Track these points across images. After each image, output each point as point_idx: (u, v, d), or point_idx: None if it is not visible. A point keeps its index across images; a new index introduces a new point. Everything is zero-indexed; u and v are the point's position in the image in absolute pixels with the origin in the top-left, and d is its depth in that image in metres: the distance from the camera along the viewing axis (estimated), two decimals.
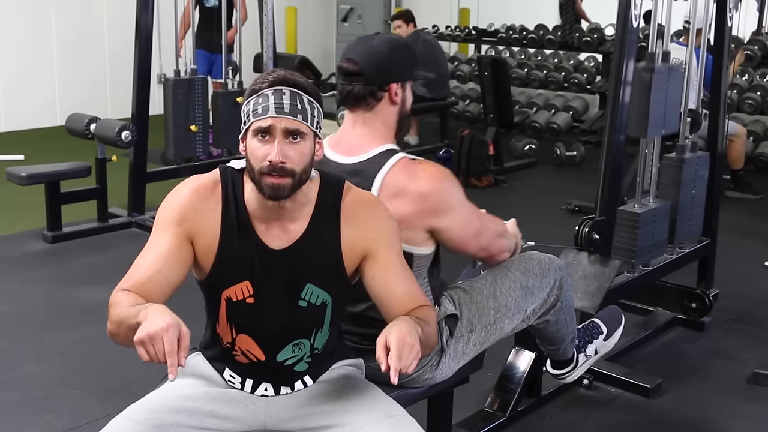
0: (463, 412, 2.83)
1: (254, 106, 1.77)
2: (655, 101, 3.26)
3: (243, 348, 1.89)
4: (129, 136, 4.92)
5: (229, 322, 1.88)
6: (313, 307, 1.88)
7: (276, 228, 1.84)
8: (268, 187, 1.76)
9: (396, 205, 2.06)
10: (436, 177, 2.14)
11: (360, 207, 1.90)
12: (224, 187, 1.85)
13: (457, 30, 9.34)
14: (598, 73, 8.64)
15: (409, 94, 2.25)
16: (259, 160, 1.76)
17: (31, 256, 4.75)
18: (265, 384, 1.92)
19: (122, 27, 7.81)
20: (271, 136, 1.76)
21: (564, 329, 2.57)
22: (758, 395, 3.24)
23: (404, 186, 2.10)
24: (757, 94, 7.11)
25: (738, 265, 4.58)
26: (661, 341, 3.72)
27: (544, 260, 2.45)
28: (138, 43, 5.19)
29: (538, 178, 6.98)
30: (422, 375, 2.24)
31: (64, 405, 3.06)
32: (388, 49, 2.17)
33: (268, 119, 1.75)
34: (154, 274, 1.79)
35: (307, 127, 1.78)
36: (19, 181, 4.84)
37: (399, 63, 2.20)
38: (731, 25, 3.90)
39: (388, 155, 2.14)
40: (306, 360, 1.92)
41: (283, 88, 1.77)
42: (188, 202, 1.84)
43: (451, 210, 2.15)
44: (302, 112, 1.77)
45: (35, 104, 8.50)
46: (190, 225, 1.83)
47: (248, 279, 1.84)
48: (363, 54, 2.17)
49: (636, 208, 3.41)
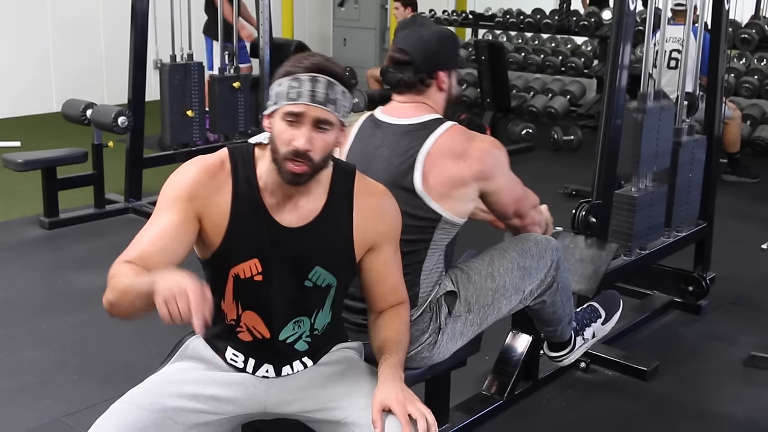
0: (460, 395, 2.85)
1: (288, 89, 1.76)
2: (646, 141, 3.33)
3: (249, 324, 1.90)
4: (125, 121, 4.91)
5: (236, 299, 1.88)
6: (318, 288, 1.89)
7: (288, 205, 1.85)
8: (288, 173, 1.78)
9: (451, 164, 2.19)
10: (493, 143, 2.29)
11: (373, 196, 1.94)
12: (234, 165, 1.85)
13: (454, 14, 9.31)
14: (595, 57, 8.62)
15: (455, 82, 2.37)
16: (285, 143, 1.77)
17: (28, 242, 4.75)
18: (267, 365, 1.92)
19: (118, 12, 7.77)
20: (300, 122, 1.76)
21: (561, 310, 2.58)
22: (754, 378, 3.25)
23: (463, 147, 2.21)
24: (754, 78, 7.11)
25: (735, 248, 4.59)
26: (658, 324, 3.73)
27: (541, 241, 2.46)
28: (134, 28, 5.17)
29: (535, 163, 6.97)
30: (420, 353, 2.26)
31: (62, 390, 3.07)
32: (437, 40, 2.31)
33: (301, 105, 1.75)
34: (160, 249, 1.77)
35: (336, 118, 1.79)
36: (16, 168, 4.83)
37: (446, 52, 2.33)
38: (728, 9, 3.89)
39: (440, 122, 2.25)
40: (305, 339, 1.92)
41: (318, 75, 1.77)
42: (198, 179, 1.83)
43: (502, 174, 2.28)
44: (334, 103, 1.77)
45: (31, 90, 8.47)
46: (199, 203, 1.82)
47: (257, 257, 1.84)
48: (414, 44, 2.29)
49: (633, 192, 3.41)
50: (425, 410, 1.77)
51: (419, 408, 1.77)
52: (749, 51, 7.24)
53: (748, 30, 6.83)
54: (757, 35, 6.79)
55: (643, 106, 3.32)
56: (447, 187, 2.19)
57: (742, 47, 6.95)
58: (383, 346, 1.94)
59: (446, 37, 2.35)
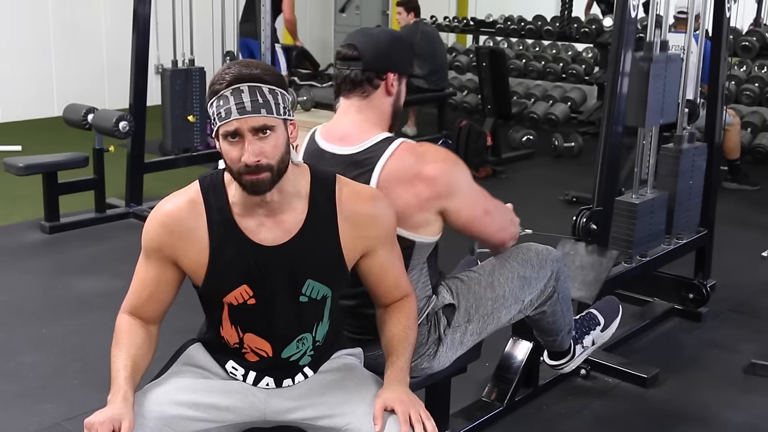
0: (460, 402, 2.84)
1: (217, 110, 1.73)
2: (653, 90, 3.27)
3: (252, 346, 1.90)
4: (127, 126, 4.91)
5: (234, 324, 1.88)
6: (314, 301, 1.88)
7: (269, 223, 1.83)
8: (249, 184, 1.75)
9: (403, 190, 2.06)
10: (443, 159, 2.13)
11: (358, 203, 1.89)
12: (205, 197, 1.84)
13: (455, 20, 9.32)
14: (596, 64, 8.63)
15: (404, 88, 2.24)
16: (234, 162, 1.74)
17: (28, 246, 4.75)
18: (268, 379, 1.92)
19: (120, 17, 7.79)
20: (240, 137, 1.73)
21: (561, 320, 2.58)
22: (755, 385, 3.24)
23: (411, 170, 2.08)
24: (755, 85, 7.11)
25: (735, 255, 4.58)
26: (658, 331, 3.72)
27: (542, 251, 2.46)
28: (135, 32, 5.18)
29: (535, 169, 6.98)
30: (420, 364, 2.25)
31: (62, 395, 3.07)
32: (388, 40, 2.18)
33: (233, 122, 1.71)
34: (149, 296, 1.90)
35: (274, 119, 1.74)
36: (17, 172, 4.83)
37: (398, 54, 2.20)
38: (730, 16, 3.90)
39: (388, 142, 2.11)
40: (309, 354, 1.93)
41: (240, 85, 1.72)
42: (162, 228, 1.84)
43: (459, 191, 2.14)
44: (265, 105, 1.73)
45: (32, 95, 8.49)
46: (169, 249, 1.84)
47: (246, 282, 1.84)
48: (364, 41, 2.17)
49: (633, 199, 3.41)
50: (427, 417, 1.77)
51: (421, 413, 1.77)
52: (750, 58, 7.25)
53: (748, 37, 6.84)
54: (758, 43, 6.80)
55: (650, 54, 3.29)
56: (406, 215, 2.08)
57: (743, 55, 6.95)
58: (390, 345, 1.94)
59: (399, 40, 2.23)
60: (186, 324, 2.20)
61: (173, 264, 1.86)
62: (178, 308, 1.92)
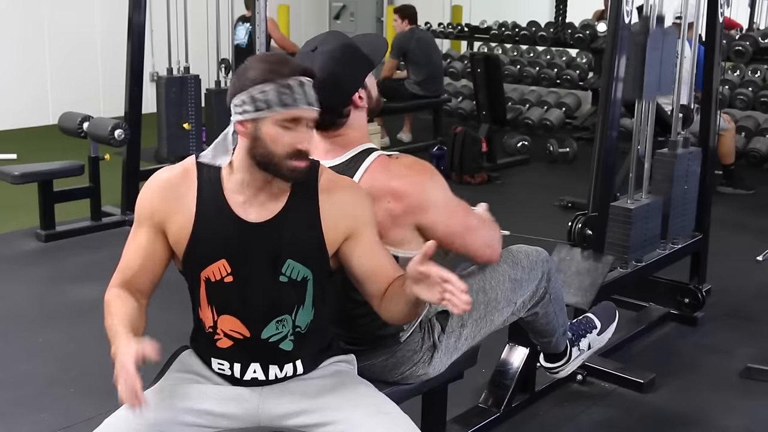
0: (457, 408, 2.84)
1: (278, 96, 1.77)
2: (650, 62, 3.29)
3: (226, 329, 1.89)
4: (122, 134, 4.92)
5: (210, 303, 1.89)
6: (294, 282, 1.89)
7: (255, 202, 1.87)
8: (291, 171, 1.81)
9: (376, 207, 2.00)
10: (414, 172, 2.08)
11: (338, 187, 1.93)
12: (199, 170, 1.88)
13: (450, 27, 9.35)
14: (590, 69, 8.65)
15: (372, 84, 2.17)
16: (285, 146, 1.79)
17: (24, 255, 4.75)
18: (254, 365, 1.91)
19: (114, 25, 7.79)
20: (298, 125, 1.80)
21: (554, 321, 2.58)
22: (751, 390, 3.25)
23: (382, 186, 2.04)
24: (748, 89, 7.14)
25: (730, 260, 4.60)
26: (654, 336, 3.73)
27: (531, 253, 2.46)
28: (131, 41, 5.19)
29: (531, 175, 6.99)
30: (416, 372, 2.25)
31: (59, 403, 3.06)
32: (333, 68, 2.05)
33: (299, 111, 1.79)
34: (140, 267, 1.91)
35: None
36: (13, 180, 4.83)
37: (351, 73, 2.11)
38: (723, 21, 3.92)
39: (365, 155, 2.10)
40: (290, 338, 1.91)
41: (304, 79, 1.81)
42: (156, 193, 1.90)
43: (432, 205, 2.08)
44: (317, 102, 1.84)
45: (27, 103, 8.49)
46: (160, 215, 1.88)
47: (225, 257, 1.85)
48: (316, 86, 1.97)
49: (629, 204, 3.42)
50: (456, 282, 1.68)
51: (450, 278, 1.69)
52: (743, 63, 7.28)
53: (742, 42, 6.87)
54: (751, 47, 6.83)
55: (647, 26, 3.32)
56: (383, 232, 2.01)
57: (736, 59, 6.98)
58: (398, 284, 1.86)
59: (342, 58, 2.07)
60: (182, 331, 2.19)
61: (160, 232, 1.89)
62: (174, 315, 1.93)
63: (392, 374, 2.24)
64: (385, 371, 2.23)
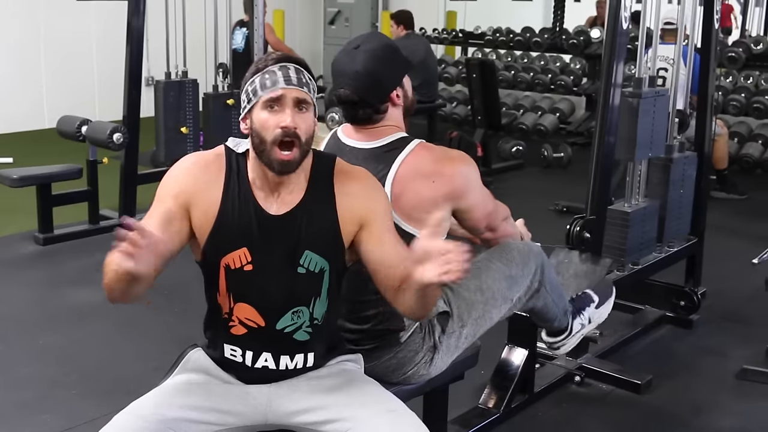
0: (458, 409, 2.87)
1: (262, 81, 1.84)
2: (642, 126, 3.36)
3: (241, 317, 1.91)
4: (121, 138, 4.93)
5: (229, 291, 1.91)
6: (312, 274, 1.91)
7: (275, 197, 1.90)
8: (278, 162, 1.83)
9: (421, 185, 2.14)
10: (462, 161, 2.23)
11: (352, 178, 1.96)
12: (228, 157, 1.93)
13: (445, 32, 9.39)
14: (584, 75, 8.70)
15: (408, 85, 2.32)
16: (270, 129, 1.82)
17: (22, 258, 4.76)
18: (265, 354, 1.93)
19: (110, 29, 7.82)
20: (281, 106, 1.83)
21: (554, 308, 2.63)
22: (747, 391, 3.29)
23: (431, 168, 2.16)
24: (741, 95, 7.18)
25: (724, 263, 4.63)
26: (650, 339, 3.77)
27: (523, 248, 2.50)
28: (129, 45, 5.19)
29: (525, 179, 7.03)
30: (417, 372, 2.28)
31: (61, 405, 3.07)
32: (374, 66, 2.17)
33: (279, 90, 1.83)
34: None
35: (311, 99, 1.87)
36: (11, 184, 4.84)
37: (392, 71, 2.24)
38: (718, 27, 3.96)
39: (406, 141, 2.21)
40: (306, 329, 1.93)
41: (287, 64, 1.86)
42: (187, 172, 1.92)
43: (473, 191, 2.24)
44: (307, 85, 1.86)
45: (23, 107, 8.49)
46: (187, 195, 1.88)
47: (246, 246, 1.88)
48: (355, 80, 2.17)
49: (626, 208, 3.46)
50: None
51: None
52: (736, 69, 7.34)
53: (734, 48, 6.92)
54: (744, 54, 6.88)
55: (639, 90, 3.36)
56: (419, 210, 2.14)
57: (729, 65, 7.04)
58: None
59: (383, 57, 2.20)
60: (181, 334, 2.22)
61: (185, 210, 1.88)
62: (175, 319, 1.95)
63: (395, 375, 2.27)
64: (388, 372, 2.26)
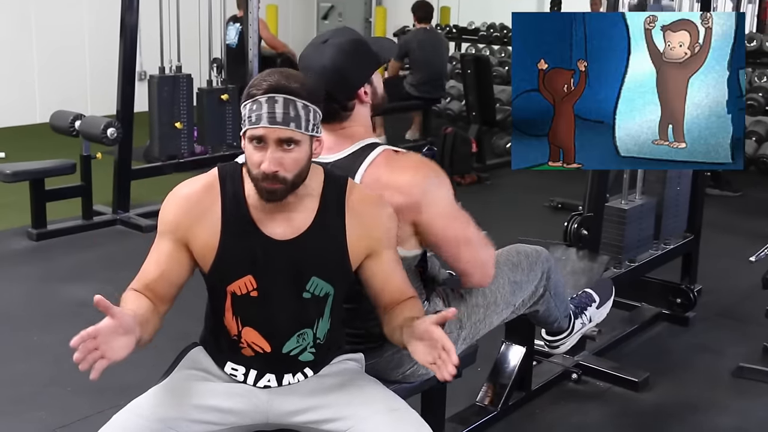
0: (455, 407, 2.86)
1: (249, 113, 1.78)
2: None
3: (249, 340, 1.91)
4: (115, 133, 4.91)
5: (235, 315, 1.90)
6: (317, 298, 1.90)
7: (280, 219, 1.86)
8: (263, 191, 1.80)
9: None
10: (420, 168, 2.07)
11: (365, 205, 1.92)
12: (222, 185, 1.88)
13: (438, 28, 9.36)
14: None
15: (378, 81, 2.18)
16: (254, 165, 1.79)
17: (15, 253, 4.74)
18: (269, 375, 1.93)
19: (102, 23, 7.78)
20: (264, 144, 1.78)
21: (555, 312, 2.62)
22: (743, 388, 3.29)
23: (385, 179, 2.03)
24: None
25: (720, 261, 4.64)
26: (646, 336, 3.77)
27: (531, 253, 2.48)
28: (123, 40, 5.17)
29: (520, 176, 6.95)
30: (416, 371, 2.26)
31: (56, 402, 3.06)
32: (342, 61, 2.07)
33: (260, 129, 1.76)
34: (159, 276, 1.87)
35: (301, 134, 1.78)
36: (4, 179, 4.81)
37: (359, 69, 2.12)
38: None
39: (370, 148, 2.08)
40: (310, 350, 1.93)
41: (276, 95, 1.76)
42: (179, 208, 1.88)
43: (433, 204, 2.06)
44: (295, 120, 1.76)
45: (14, 101, 8.43)
46: (183, 231, 1.87)
47: (251, 273, 1.86)
48: (322, 75, 2.05)
49: (623, 205, 3.45)
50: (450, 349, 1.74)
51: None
52: None
53: None
54: None
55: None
56: None
57: None
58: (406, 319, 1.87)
59: (351, 53, 2.08)
60: (181, 330, 2.20)
61: (184, 246, 1.87)
62: (170, 315, 1.93)
63: (395, 373, 2.26)
64: (388, 370, 2.25)
